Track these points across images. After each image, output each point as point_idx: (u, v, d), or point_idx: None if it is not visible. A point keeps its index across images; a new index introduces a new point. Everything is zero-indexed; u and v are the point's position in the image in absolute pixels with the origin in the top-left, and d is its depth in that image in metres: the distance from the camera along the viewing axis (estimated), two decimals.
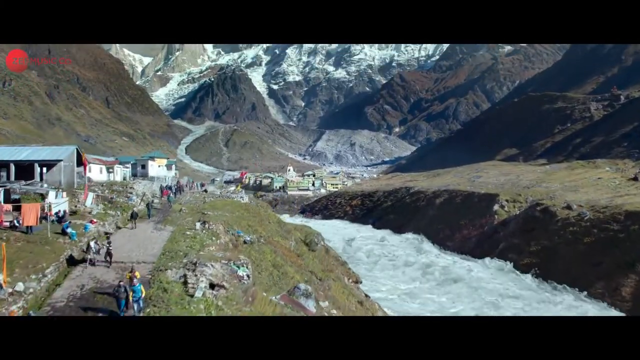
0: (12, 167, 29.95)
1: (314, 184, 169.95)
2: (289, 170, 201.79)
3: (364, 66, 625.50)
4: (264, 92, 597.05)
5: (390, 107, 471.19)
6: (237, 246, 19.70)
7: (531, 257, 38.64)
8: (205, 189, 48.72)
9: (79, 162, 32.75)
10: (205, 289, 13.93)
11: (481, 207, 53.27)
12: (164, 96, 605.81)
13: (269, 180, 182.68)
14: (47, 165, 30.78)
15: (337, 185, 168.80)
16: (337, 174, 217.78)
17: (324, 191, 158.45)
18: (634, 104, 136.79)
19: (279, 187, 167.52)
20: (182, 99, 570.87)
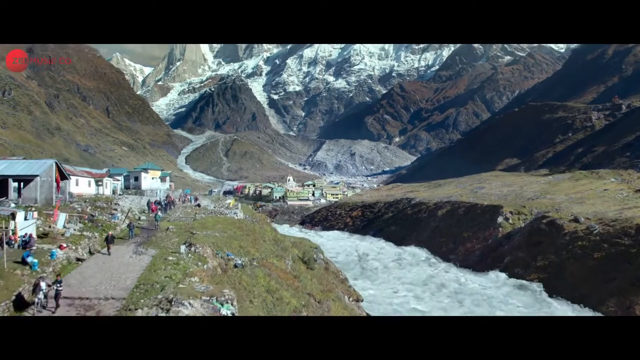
0: None
1: (314, 194, 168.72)
2: (289, 180, 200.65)
3: (364, 76, 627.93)
4: (264, 102, 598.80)
5: (390, 117, 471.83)
6: (226, 271, 18.10)
7: (538, 272, 37.24)
8: (198, 204, 45.27)
9: (60, 178, 30.63)
10: None
11: (484, 219, 51.96)
12: (164, 106, 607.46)
13: (268, 190, 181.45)
14: (24, 180, 28.37)
15: (337, 195, 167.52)
16: (338, 184, 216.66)
17: (324, 201, 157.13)
18: (636, 113, 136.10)
19: (279, 197, 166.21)
20: (183, 109, 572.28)
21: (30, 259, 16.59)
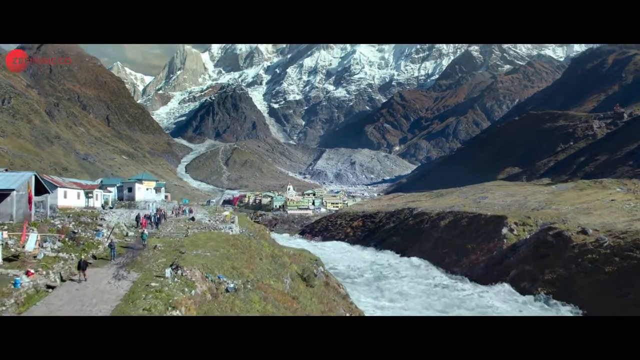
0: None
1: (314, 203, 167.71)
2: (289, 189, 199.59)
3: (364, 85, 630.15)
4: (264, 110, 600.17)
5: (390, 125, 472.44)
6: (217, 296, 16.56)
7: (546, 286, 35.97)
8: (192, 217, 42.10)
9: (42, 191, 27.90)
10: None
11: (488, 230, 50.77)
12: (164, 115, 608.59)
13: (268, 199, 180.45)
14: None
15: (337, 204, 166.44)
16: (338, 192, 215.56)
17: (324, 210, 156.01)
18: (638, 121, 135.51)
19: (279, 206, 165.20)
20: (183, 118, 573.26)
21: None
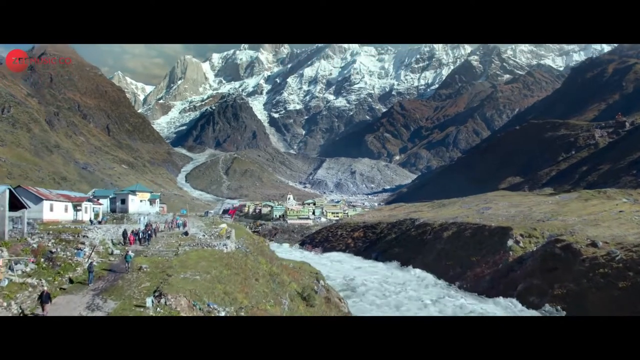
0: None
1: (314, 213, 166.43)
2: (289, 198, 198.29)
3: (364, 95, 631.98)
4: (264, 120, 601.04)
5: (390, 135, 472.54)
6: None
7: (556, 302, 34.57)
8: (186, 231, 39.01)
9: (19, 206, 25.27)
10: None
11: (493, 242, 49.48)
12: (165, 124, 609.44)
13: (268, 208, 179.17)
14: None
15: (337, 214, 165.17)
16: (338, 202, 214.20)
17: (324, 220, 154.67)
18: None
19: (279, 216, 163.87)
20: (184, 127, 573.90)
21: None
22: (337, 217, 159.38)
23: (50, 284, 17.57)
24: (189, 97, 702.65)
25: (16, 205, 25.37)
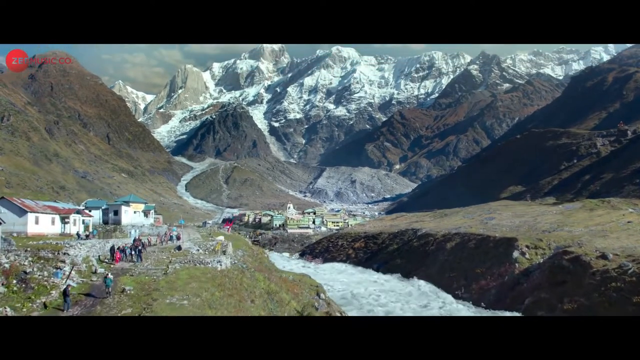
0: None
1: (314, 222, 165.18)
2: (289, 207, 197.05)
3: (364, 104, 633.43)
4: (265, 129, 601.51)
5: (390, 144, 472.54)
6: None
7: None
8: (179, 245, 36.17)
9: None
10: None
11: (498, 253, 48.26)
12: (165, 133, 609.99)
13: (268, 218, 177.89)
14: None
15: (338, 223, 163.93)
16: (338, 211, 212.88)
17: (324, 229, 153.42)
18: None
19: (279, 225, 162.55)
20: (184, 136, 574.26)
21: None
22: (338, 226, 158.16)
23: (17, 311, 15.59)
24: (189, 106, 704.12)
25: None
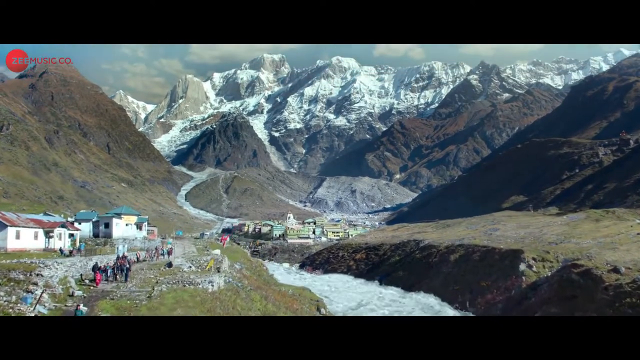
0: None
1: (314, 232, 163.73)
2: (289, 217, 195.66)
3: (364, 114, 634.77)
4: (265, 139, 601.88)
5: (390, 154, 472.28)
6: None
7: None
8: (170, 262, 33.15)
9: None
10: None
11: (504, 265, 46.93)
12: (166, 143, 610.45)
13: (268, 227, 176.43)
14: None
15: (338, 233, 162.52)
16: (339, 221, 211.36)
17: (324, 239, 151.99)
18: None
19: (279, 235, 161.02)
20: (184, 146, 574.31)
21: None
22: (338, 236, 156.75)
23: None
24: (189, 115, 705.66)
25: None
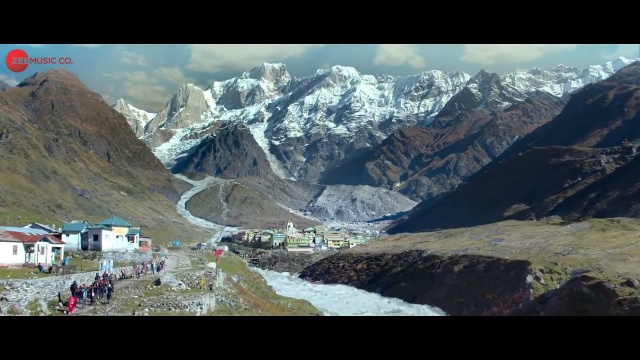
0: None
1: (314, 241, 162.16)
2: (289, 226, 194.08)
3: (364, 122, 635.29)
4: (265, 147, 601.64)
5: (390, 162, 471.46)
6: None
7: None
8: (158, 279, 29.82)
9: None
10: None
11: (510, 277, 45.58)
12: (166, 151, 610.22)
13: (268, 236, 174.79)
14: None
15: (338, 241, 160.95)
16: (339, 230, 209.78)
17: (325, 248, 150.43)
18: None
19: (279, 244, 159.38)
20: (184, 154, 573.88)
21: None
22: (338, 245, 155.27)
23: None
24: (190, 124, 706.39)
25: None
